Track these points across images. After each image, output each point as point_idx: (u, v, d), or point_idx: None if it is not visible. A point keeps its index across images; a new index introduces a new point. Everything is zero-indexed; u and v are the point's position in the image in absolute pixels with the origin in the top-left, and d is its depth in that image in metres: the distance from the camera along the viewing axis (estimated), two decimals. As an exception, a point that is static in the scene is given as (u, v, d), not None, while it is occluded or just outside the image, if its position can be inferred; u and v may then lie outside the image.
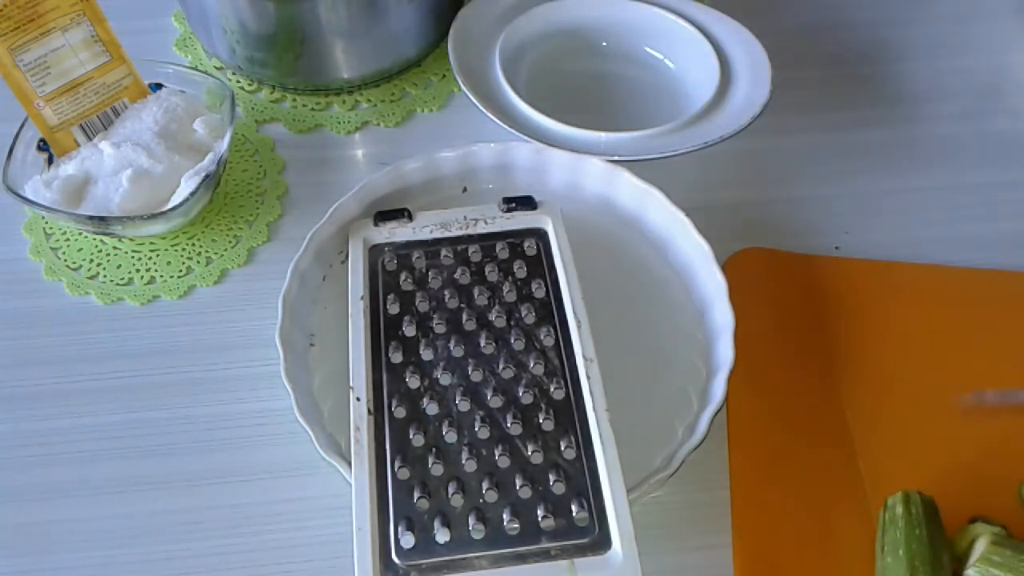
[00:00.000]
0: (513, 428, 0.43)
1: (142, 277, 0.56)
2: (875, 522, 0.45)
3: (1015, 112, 0.66)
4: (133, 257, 0.57)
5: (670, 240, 0.54)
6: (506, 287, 0.48)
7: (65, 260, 0.57)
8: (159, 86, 0.59)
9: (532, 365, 0.45)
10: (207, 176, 0.54)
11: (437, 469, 0.42)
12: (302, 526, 0.47)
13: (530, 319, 0.47)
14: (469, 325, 0.47)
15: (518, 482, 0.42)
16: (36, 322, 0.54)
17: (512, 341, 0.46)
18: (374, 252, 0.50)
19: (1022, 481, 0.46)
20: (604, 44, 0.67)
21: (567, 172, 0.56)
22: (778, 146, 0.62)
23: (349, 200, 0.53)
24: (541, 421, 0.43)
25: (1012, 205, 0.60)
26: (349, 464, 0.42)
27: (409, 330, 0.47)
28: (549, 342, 0.46)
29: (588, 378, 0.44)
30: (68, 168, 0.55)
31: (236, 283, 0.56)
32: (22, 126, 0.56)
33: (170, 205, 0.54)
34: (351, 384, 0.44)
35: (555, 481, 0.41)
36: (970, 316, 0.53)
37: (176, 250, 0.57)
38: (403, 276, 0.49)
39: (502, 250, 0.50)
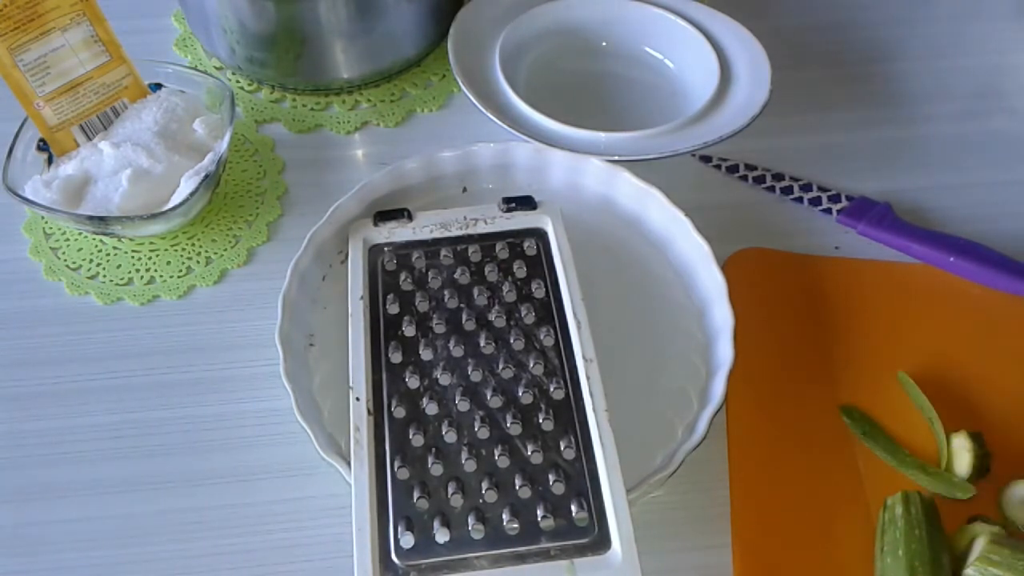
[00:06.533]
0: (513, 428, 0.43)
1: (142, 277, 0.56)
2: (875, 522, 0.45)
3: (1015, 112, 0.66)
4: (133, 257, 0.57)
5: (670, 240, 0.54)
6: (506, 287, 0.48)
7: (65, 260, 0.57)
8: (159, 86, 0.59)
9: (532, 365, 0.45)
10: (207, 176, 0.54)
11: (437, 469, 0.42)
12: (302, 526, 0.47)
13: (530, 319, 0.47)
14: (469, 325, 0.47)
15: (518, 482, 0.42)
16: (36, 322, 0.54)
17: (512, 341, 0.46)
18: (374, 252, 0.51)
19: (1001, 489, 0.46)
20: (604, 44, 0.67)
21: (567, 172, 0.56)
22: (778, 146, 0.62)
23: (349, 200, 0.53)
24: (541, 421, 0.43)
25: (1013, 205, 0.60)
26: (349, 464, 0.42)
27: (409, 330, 0.47)
28: (549, 342, 0.46)
29: (588, 378, 0.44)
30: (68, 168, 0.55)
31: (236, 283, 0.56)
32: (22, 126, 0.56)
33: (170, 205, 0.54)
34: (351, 384, 0.44)
35: (555, 481, 0.41)
36: (970, 316, 0.53)
37: (176, 250, 0.57)
38: (403, 276, 0.49)
39: (502, 250, 0.50)
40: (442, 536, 0.40)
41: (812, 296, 0.54)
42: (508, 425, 0.43)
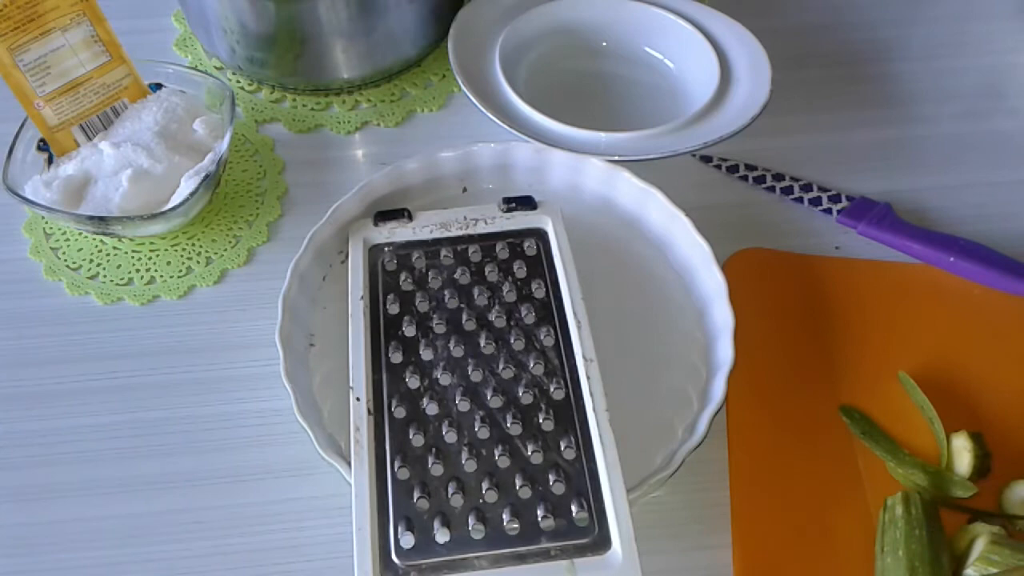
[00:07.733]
0: (513, 428, 0.43)
1: (142, 277, 0.56)
2: (875, 522, 0.45)
3: (1015, 112, 0.66)
4: (133, 257, 0.57)
5: (670, 240, 0.54)
6: (506, 287, 0.48)
7: (65, 260, 0.57)
8: (159, 86, 0.59)
9: (532, 365, 0.45)
10: (207, 176, 0.54)
11: (437, 469, 0.42)
12: (302, 526, 0.47)
13: (530, 319, 0.47)
14: (469, 325, 0.47)
15: (518, 482, 0.42)
16: (36, 322, 0.54)
17: (512, 341, 0.46)
18: (374, 252, 0.51)
19: (1001, 489, 0.46)
20: (604, 44, 0.67)
21: (567, 172, 0.56)
22: (778, 146, 0.62)
23: (349, 200, 0.53)
24: (541, 421, 0.43)
25: (1013, 205, 0.60)
26: (349, 464, 0.42)
27: (409, 330, 0.47)
28: (549, 342, 0.46)
29: (588, 378, 0.44)
30: (68, 168, 0.55)
31: (236, 283, 0.56)
32: (22, 126, 0.56)
33: (170, 205, 0.54)
34: (351, 384, 0.45)
35: (555, 481, 0.41)
36: (970, 316, 0.53)
37: (176, 250, 0.57)
38: (403, 276, 0.49)
39: (502, 250, 0.50)
40: (442, 536, 0.40)
41: (812, 296, 0.54)
42: (508, 425, 0.43)
